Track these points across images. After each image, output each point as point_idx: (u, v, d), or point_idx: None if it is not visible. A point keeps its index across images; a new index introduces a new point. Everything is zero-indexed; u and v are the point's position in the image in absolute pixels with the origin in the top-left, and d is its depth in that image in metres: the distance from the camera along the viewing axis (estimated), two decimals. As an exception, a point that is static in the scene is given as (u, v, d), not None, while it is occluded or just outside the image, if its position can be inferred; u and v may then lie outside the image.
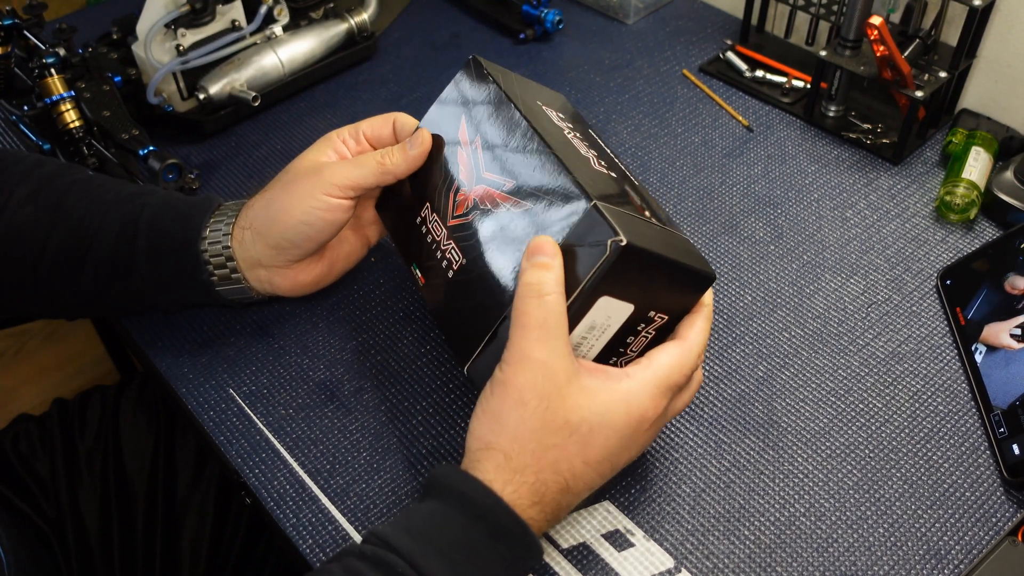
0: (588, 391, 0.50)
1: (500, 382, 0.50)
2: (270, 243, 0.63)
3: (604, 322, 0.52)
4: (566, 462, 0.50)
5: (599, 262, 0.49)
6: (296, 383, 0.67)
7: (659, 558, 0.57)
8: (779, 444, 0.63)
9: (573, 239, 0.51)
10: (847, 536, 0.58)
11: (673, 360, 0.53)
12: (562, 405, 0.49)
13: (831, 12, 0.89)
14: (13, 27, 0.83)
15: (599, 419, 0.50)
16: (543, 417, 0.49)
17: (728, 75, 0.94)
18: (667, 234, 0.54)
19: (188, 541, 0.77)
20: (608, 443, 0.50)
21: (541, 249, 0.51)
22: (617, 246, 0.48)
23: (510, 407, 0.49)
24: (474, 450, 0.51)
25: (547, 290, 0.49)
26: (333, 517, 0.59)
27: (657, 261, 0.50)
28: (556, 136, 0.58)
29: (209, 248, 0.64)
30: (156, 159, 0.77)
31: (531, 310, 0.49)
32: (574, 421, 0.49)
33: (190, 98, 0.88)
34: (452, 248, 0.59)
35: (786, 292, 0.73)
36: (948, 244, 0.76)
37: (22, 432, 0.81)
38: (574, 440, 0.50)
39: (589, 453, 0.50)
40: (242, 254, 0.64)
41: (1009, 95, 0.85)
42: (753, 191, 0.82)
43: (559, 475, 0.50)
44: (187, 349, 0.70)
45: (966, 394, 0.65)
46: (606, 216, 0.50)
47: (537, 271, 0.50)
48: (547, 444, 0.49)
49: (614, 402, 0.50)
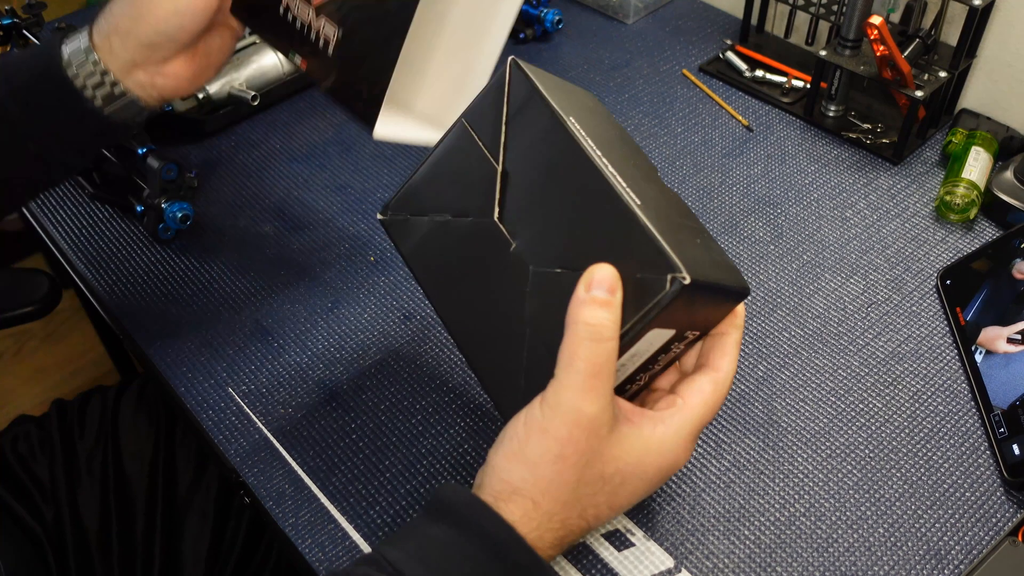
0: (625, 442, 0.48)
1: (540, 429, 0.46)
2: (143, 41, 0.59)
3: (645, 349, 0.49)
4: (593, 509, 0.48)
5: (658, 298, 0.44)
6: (295, 383, 0.67)
7: (659, 558, 0.57)
8: (779, 444, 0.63)
9: (626, 265, 0.46)
10: (847, 536, 0.58)
11: (708, 400, 0.50)
12: (599, 459, 0.47)
13: (831, 12, 0.89)
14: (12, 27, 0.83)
15: (632, 469, 0.48)
16: (581, 472, 0.47)
17: (728, 75, 0.94)
18: (708, 250, 0.49)
19: (188, 542, 0.77)
20: (636, 490, 0.49)
21: (603, 283, 0.45)
22: (680, 283, 0.43)
23: (549, 460, 0.46)
24: (498, 489, 0.48)
25: (606, 335, 0.44)
26: (332, 516, 0.59)
27: (710, 289, 0.46)
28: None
29: (78, 71, 0.59)
30: (155, 158, 0.77)
31: (587, 355, 0.45)
32: (608, 473, 0.48)
33: (189, 97, 0.88)
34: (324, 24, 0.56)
35: (786, 292, 0.73)
36: (948, 244, 0.76)
37: (21, 434, 0.81)
38: (606, 490, 0.48)
39: (615, 500, 0.49)
40: (114, 63, 0.60)
41: (1009, 95, 0.84)
42: (753, 191, 0.82)
43: (584, 520, 0.49)
44: (187, 349, 0.70)
45: (966, 394, 0.65)
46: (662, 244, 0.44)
47: (597, 310, 0.45)
48: (579, 495, 0.47)
49: (649, 453, 0.48)
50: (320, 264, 0.76)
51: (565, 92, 0.55)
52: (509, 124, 0.52)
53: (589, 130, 0.50)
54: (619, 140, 0.54)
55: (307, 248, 0.78)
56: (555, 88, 0.53)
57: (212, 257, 0.77)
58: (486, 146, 0.52)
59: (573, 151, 0.48)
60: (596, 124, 0.52)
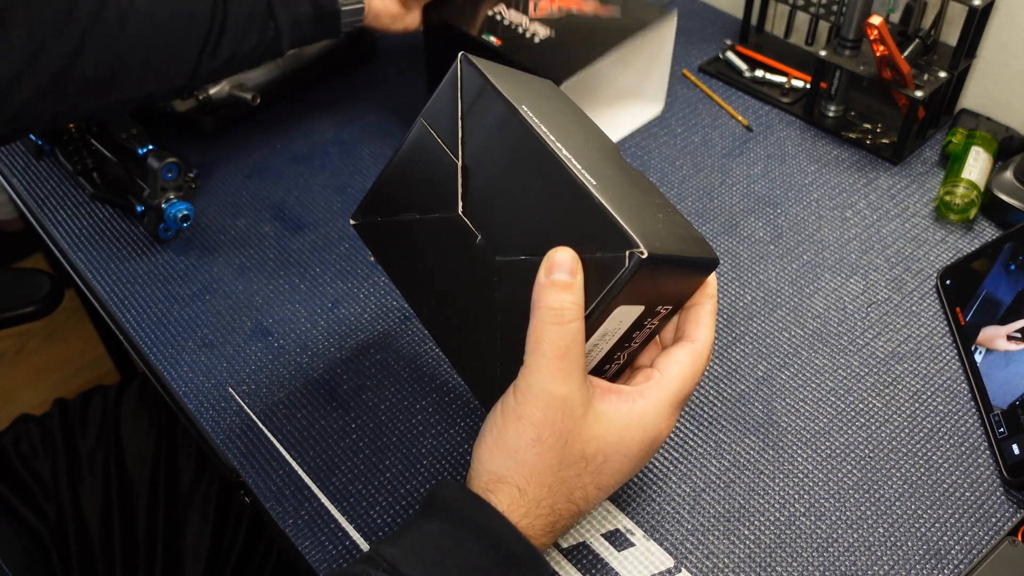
0: (603, 419, 0.48)
1: (515, 416, 0.47)
2: None
3: (615, 328, 0.50)
4: (580, 491, 0.49)
5: (618, 275, 0.45)
6: (295, 382, 0.67)
7: (659, 558, 0.57)
8: (779, 444, 0.63)
9: (586, 245, 0.47)
10: (847, 536, 0.58)
11: (686, 372, 0.50)
12: (579, 439, 0.48)
13: (831, 12, 0.89)
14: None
15: (613, 447, 0.48)
16: (560, 453, 0.47)
17: (728, 75, 0.94)
18: (671, 223, 0.49)
19: (189, 541, 0.77)
20: (622, 468, 0.49)
21: (563, 266, 0.46)
22: (638, 258, 0.44)
23: (527, 444, 0.47)
24: (485, 480, 0.49)
25: (569, 317, 0.45)
26: (332, 516, 0.59)
27: (672, 261, 0.47)
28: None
29: None
30: (155, 158, 0.77)
31: (552, 338, 0.46)
32: (590, 452, 0.48)
33: (189, 98, 0.88)
34: None
35: (786, 292, 0.73)
36: (948, 244, 0.76)
37: (23, 433, 0.81)
38: (589, 470, 0.48)
39: (602, 480, 0.49)
40: None
41: (1009, 95, 0.84)
42: (753, 191, 0.82)
43: (572, 503, 0.49)
44: (187, 348, 0.70)
45: (966, 394, 0.65)
46: (618, 221, 0.45)
47: (559, 293, 0.46)
48: (563, 478, 0.48)
49: (629, 428, 0.49)
50: (320, 264, 0.76)
51: (518, 81, 0.55)
52: (464, 119, 0.52)
53: (543, 116, 0.50)
54: (576, 124, 0.55)
55: (307, 248, 0.78)
56: (507, 78, 0.54)
57: (212, 257, 0.77)
58: (445, 142, 0.53)
59: (527, 139, 0.49)
60: (551, 110, 0.53)
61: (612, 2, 0.83)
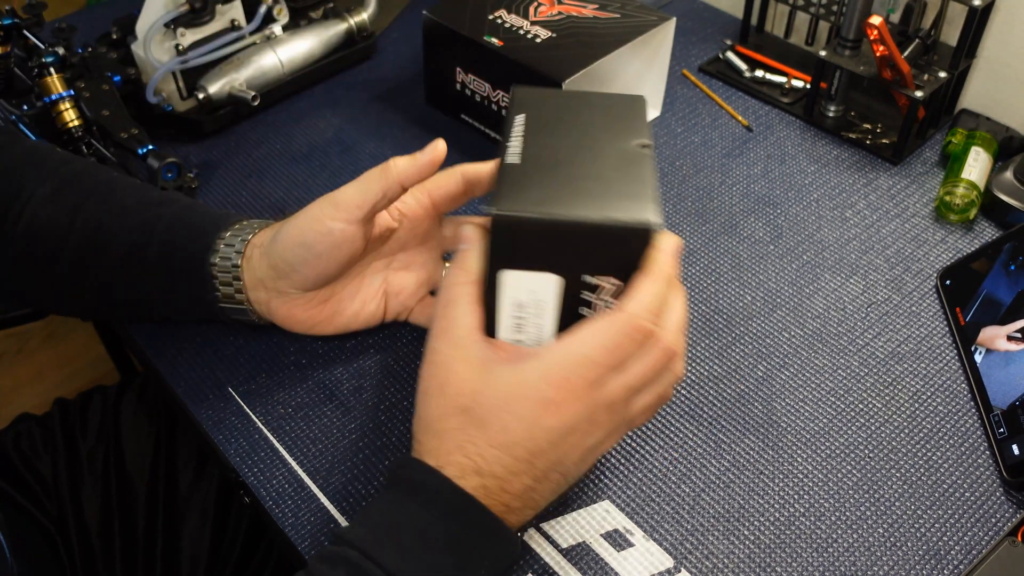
0: (488, 376, 0.50)
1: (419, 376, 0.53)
2: (270, 263, 0.61)
3: (531, 298, 0.50)
4: (472, 445, 0.49)
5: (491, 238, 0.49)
6: (295, 382, 0.67)
7: (659, 558, 0.57)
8: (779, 444, 0.63)
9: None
10: (847, 536, 0.58)
11: (597, 336, 0.48)
12: (457, 391, 0.50)
13: (831, 12, 0.89)
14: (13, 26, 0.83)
15: (493, 403, 0.49)
16: (440, 404, 0.51)
17: (728, 75, 0.94)
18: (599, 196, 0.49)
19: (189, 540, 0.77)
20: (508, 427, 0.49)
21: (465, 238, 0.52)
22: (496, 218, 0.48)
23: (419, 397, 0.52)
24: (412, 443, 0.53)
25: (454, 280, 0.52)
26: (332, 516, 0.59)
27: (551, 226, 0.47)
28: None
29: (219, 263, 0.62)
30: (155, 158, 0.77)
31: (440, 299, 0.52)
32: (466, 405, 0.49)
33: (189, 98, 0.88)
34: None
35: (786, 292, 0.73)
36: (948, 244, 0.76)
37: (24, 431, 0.81)
38: (472, 424, 0.49)
39: (493, 437, 0.49)
40: (248, 274, 0.62)
41: (1009, 95, 0.85)
42: (753, 191, 0.82)
43: (468, 458, 0.49)
44: (186, 348, 0.70)
45: (966, 394, 0.65)
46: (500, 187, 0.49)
47: (454, 264, 0.52)
48: (445, 428, 0.50)
49: (512, 385, 0.49)
50: (320, 264, 0.76)
51: (562, 98, 0.59)
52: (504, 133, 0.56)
53: (539, 121, 0.54)
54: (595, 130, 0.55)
55: (307, 248, 0.78)
56: (547, 96, 0.58)
57: (212, 257, 0.77)
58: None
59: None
60: (569, 118, 0.55)
61: (611, 6, 0.84)
